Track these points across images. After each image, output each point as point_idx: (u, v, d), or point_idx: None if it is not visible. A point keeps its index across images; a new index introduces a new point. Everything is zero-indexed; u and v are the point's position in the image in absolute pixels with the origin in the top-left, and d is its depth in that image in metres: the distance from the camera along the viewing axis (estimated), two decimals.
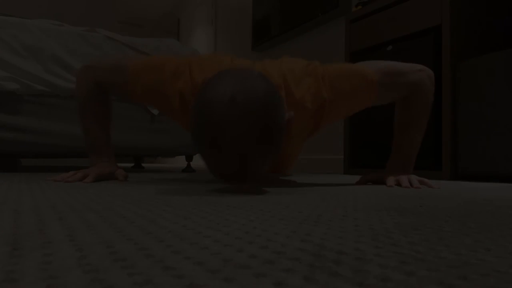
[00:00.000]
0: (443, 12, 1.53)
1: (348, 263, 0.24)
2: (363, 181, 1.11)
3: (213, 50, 4.41)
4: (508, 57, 1.34)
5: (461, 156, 1.47)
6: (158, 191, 0.76)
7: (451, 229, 0.38)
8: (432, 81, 1.04)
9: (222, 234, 0.33)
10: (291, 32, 2.91)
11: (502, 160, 1.34)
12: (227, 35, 4.16)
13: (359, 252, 0.28)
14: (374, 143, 1.81)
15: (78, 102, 1.09)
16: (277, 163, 1.10)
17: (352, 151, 1.95)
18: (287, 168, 1.15)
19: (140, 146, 1.81)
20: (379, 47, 1.84)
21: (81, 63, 1.62)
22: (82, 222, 0.38)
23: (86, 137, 1.09)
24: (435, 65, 1.57)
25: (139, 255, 0.26)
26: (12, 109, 1.53)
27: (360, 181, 1.11)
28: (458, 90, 1.49)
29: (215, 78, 0.69)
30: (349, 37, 1.99)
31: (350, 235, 0.34)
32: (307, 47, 2.88)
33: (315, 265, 0.24)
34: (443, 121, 1.51)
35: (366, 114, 1.86)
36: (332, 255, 0.27)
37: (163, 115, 1.88)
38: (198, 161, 4.46)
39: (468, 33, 1.56)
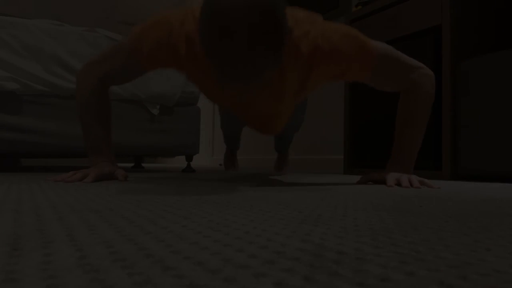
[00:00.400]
0: (443, 12, 1.53)
1: (348, 263, 0.24)
2: (363, 180, 1.11)
3: None
4: (508, 57, 1.34)
5: (461, 156, 1.47)
6: (158, 191, 0.76)
7: (451, 229, 0.38)
8: (432, 82, 1.05)
9: (222, 234, 0.33)
10: None
11: (502, 160, 1.34)
12: None
13: (359, 252, 0.28)
14: (374, 143, 1.81)
15: (79, 101, 1.09)
16: (268, 124, 1.11)
17: (352, 151, 1.95)
18: (278, 129, 1.17)
19: (140, 146, 1.81)
20: None
21: (81, 63, 1.62)
22: (82, 222, 0.38)
23: (86, 137, 1.09)
24: (435, 65, 1.56)
25: (139, 255, 0.26)
26: (12, 109, 1.53)
27: (361, 180, 1.12)
28: (458, 90, 1.49)
29: None
30: None
31: (350, 235, 0.34)
32: None
33: (315, 265, 0.24)
34: (443, 121, 1.51)
35: (366, 114, 1.86)
36: (332, 255, 0.27)
37: (163, 115, 1.88)
38: (198, 161, 4.46)
39: (468, 33, 1.56)
